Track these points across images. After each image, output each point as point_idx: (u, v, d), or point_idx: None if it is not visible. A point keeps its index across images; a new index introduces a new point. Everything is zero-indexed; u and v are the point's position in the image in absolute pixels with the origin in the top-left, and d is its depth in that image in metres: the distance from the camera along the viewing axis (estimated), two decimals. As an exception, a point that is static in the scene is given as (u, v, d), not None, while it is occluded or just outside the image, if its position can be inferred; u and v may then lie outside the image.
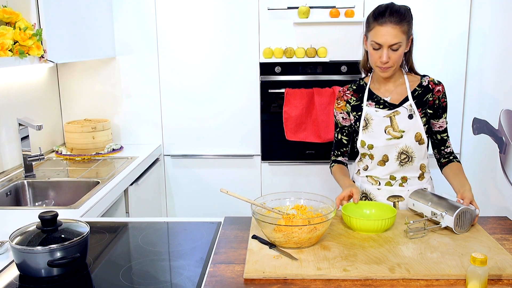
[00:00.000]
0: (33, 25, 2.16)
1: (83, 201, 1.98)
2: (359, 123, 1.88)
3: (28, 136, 2.38)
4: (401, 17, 1.70)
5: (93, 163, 2.66)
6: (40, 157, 2.37)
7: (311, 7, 2.89)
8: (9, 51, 2.00)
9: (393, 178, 1.87)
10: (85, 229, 1.38)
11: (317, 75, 2.99)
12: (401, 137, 1.81)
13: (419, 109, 1.82)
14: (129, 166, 2.56)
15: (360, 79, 1.96)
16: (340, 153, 2.00)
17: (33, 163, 2.43)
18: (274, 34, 2.97)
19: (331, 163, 2.01)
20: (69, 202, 2.18)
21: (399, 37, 1.70)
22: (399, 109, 1.83)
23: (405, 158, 1.84)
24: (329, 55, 2.96)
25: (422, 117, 1.82)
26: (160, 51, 3.03)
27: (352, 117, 1.92)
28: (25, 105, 2.63)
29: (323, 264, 1.34)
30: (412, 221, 1.57)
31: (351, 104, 1.92)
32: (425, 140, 1.83)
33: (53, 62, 2.26)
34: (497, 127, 2.41)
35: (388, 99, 1.85)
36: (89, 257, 1.41)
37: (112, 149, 2.89)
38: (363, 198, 1.93)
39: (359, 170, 1.95)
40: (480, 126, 2.68)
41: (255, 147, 3.13)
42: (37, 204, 2.32)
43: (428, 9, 2.89)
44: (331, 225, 1.61)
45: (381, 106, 1.85)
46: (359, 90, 1.92)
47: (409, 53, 1.84)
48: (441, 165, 1.92)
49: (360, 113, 1.89)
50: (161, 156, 3.15)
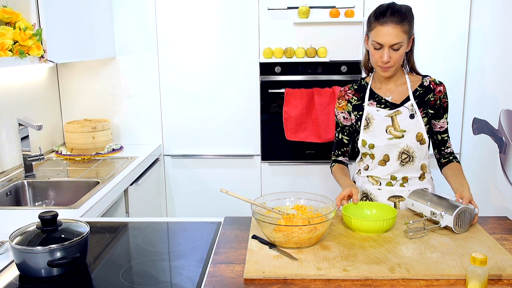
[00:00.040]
0: (33, 25, 2.16)
1: (83, 201, 1.98)
2: (360, 123, 1.88)
3: (28, 136, 2.38)
4: (402, 17, 1.70)
5: (93, 163, 2.66)
6: (40, 157, 2.37)
7: (311, 7, 2.89)
8: (9, 51, 2.00)
9: (394, 178, 1.87)
10: (85, 229, 1.38)
11: (317, 75, 2.99)
12: (402, 136, 1.81)
13: (420, 109, 1.82)
14: (129, 166, 2.56)
15: (361, 78, 1.96)
16: (340, 153, 2.00)
17: (33, 163, 2.43)
18: (274, 34, 2.97)
19: (332, 163, 2.01)
20: (69, 202, 2.18)
21: (400, 37, 1.70)
22: (400, 108, 1.82)
23: (406, 158, 1.84)
24: (329, 55, 2.96)
25: (423, 117, 1.82)
26: (160, 51, 3.03)
27: (353, 116, 1.92)
28: (25, 105, 2.63)
29: (323, 264, 1.34)
30: (411, 221, 1.57)
31: (353, 103, 1.92)
32: (426, 140, 1.83)
33: (53, 62, 2.26)
34: (497, 127, 2.41)
35: (389, 99, 1.85)
36: (89, 257, 1.41)
37: (112, 149, 2.89)
38: (364, 198, 1.93)
39: (359, 170, 1.95)
40: (480, 126, 2.68)
41: (255, 147, 3.13)
42: (37, 204, 2.32)
43: (428, 9, 2.89)
44: (331, 225, 1.61)
45: (383, 105, 1.85)
46: (361, 89, 1.92)
47: (410, 53, 1.84)
48: (441, 165, 1.92)
49: (361, 113, 1.89)
50: (161, 156, 3.15)
